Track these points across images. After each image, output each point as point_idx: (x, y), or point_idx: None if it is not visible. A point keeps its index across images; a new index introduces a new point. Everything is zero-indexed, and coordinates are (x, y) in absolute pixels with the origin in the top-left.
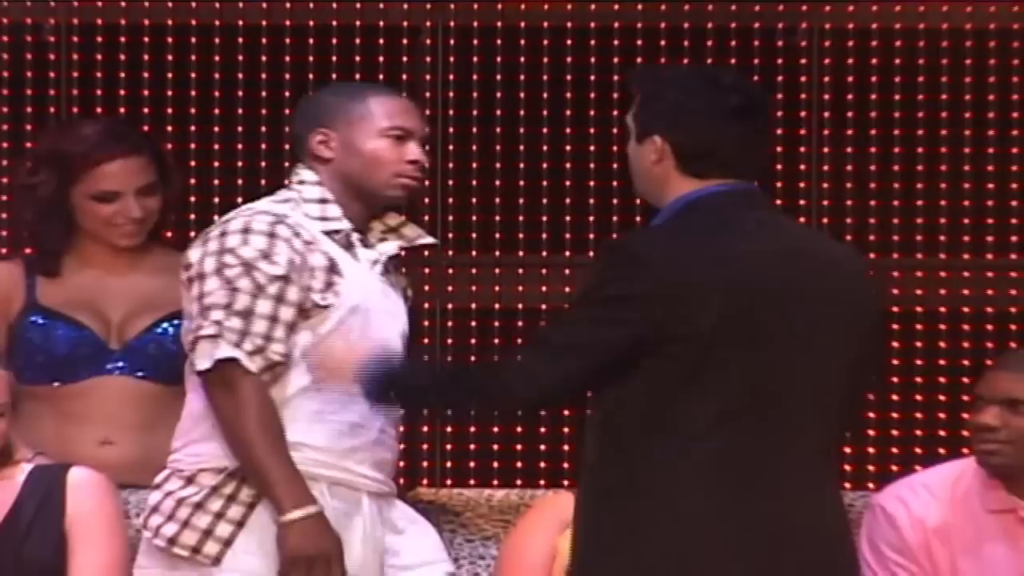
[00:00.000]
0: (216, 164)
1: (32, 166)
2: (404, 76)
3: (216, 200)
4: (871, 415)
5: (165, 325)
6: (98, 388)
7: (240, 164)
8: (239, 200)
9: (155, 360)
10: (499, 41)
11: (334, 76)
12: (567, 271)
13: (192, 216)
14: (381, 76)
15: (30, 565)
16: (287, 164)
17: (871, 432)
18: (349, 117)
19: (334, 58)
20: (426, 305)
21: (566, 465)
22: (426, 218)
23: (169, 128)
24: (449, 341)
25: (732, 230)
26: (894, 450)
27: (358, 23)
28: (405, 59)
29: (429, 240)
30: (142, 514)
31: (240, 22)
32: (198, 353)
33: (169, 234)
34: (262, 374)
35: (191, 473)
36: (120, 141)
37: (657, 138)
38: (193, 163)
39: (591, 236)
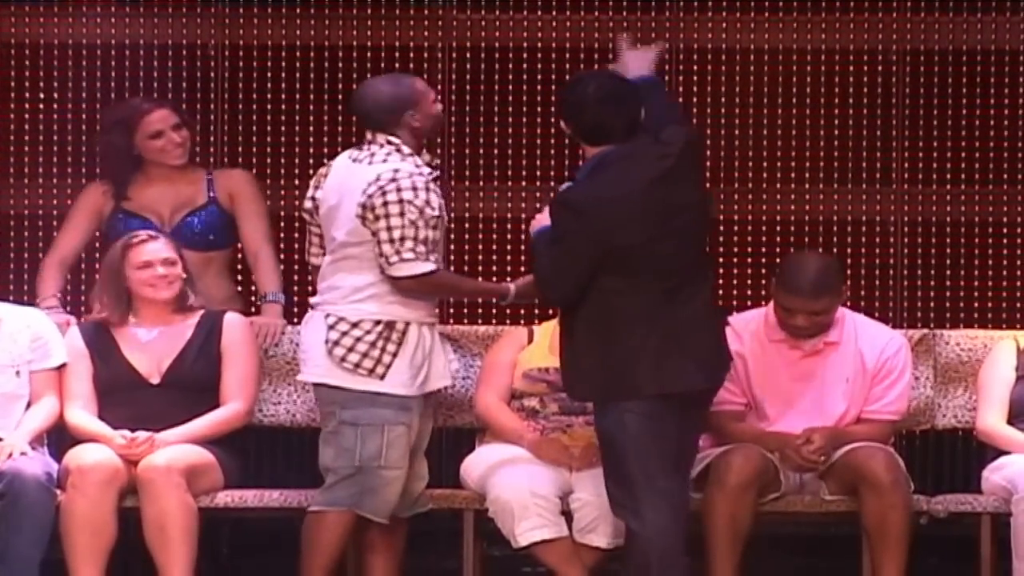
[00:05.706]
0: (322, 150)
1: (108, 129)
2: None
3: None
4: None
5: (193, 217)
6: None
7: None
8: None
9: (190, 237)
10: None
11: None
12: (523, 194)
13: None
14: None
15: (198, 378)
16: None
17: None
18: (416, 98)
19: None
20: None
21: (522, 311)
22: (453, 160)
23: (297, 126)
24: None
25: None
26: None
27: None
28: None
29: (436, 161)
30: (328, 344)
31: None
32: (400, 267)
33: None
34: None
35: (355, 321)
36: (153, 101)
37: (562, 124)
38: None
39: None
